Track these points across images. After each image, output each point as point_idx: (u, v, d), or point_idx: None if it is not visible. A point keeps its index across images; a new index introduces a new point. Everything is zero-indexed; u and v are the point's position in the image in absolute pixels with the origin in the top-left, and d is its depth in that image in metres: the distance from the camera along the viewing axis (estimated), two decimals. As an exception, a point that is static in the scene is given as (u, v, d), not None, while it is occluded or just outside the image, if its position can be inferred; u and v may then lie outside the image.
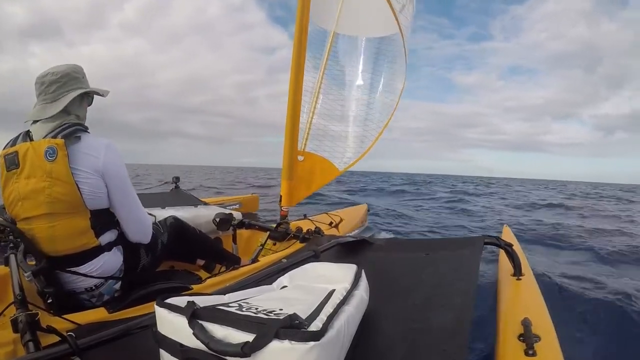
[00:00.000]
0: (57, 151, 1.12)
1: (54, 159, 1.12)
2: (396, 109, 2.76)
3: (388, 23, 2.66)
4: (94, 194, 1.20)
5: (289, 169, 2.31)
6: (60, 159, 1.12)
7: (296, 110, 2.28)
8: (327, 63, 2.73)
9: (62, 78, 1.23)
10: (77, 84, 1.27)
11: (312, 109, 2.64)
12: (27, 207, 1.14)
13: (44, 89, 1.22)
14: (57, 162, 1.12)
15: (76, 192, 1.15)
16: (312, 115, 2.63)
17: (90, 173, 1.18)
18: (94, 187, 1.20)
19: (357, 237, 1.65)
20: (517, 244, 1.90)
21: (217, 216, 2.13)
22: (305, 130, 2.58)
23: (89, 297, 1.26)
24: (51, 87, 1.22)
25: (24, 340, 0.80)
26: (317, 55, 2.73)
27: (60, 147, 1.13)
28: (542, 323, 1.01)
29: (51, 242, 1.16)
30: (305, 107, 2.57)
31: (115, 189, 1.25)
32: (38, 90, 1.23)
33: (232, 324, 0.58)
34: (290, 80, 2.25)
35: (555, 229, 5.49)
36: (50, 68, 1.26)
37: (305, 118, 2.58)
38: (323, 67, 2.72)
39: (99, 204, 1.24)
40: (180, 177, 3.96)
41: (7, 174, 1.17)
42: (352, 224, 3.35)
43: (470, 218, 7.10)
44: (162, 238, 1.54)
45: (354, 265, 0.98)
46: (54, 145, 1.13)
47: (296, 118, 2.29)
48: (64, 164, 1.12)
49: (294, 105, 2.26)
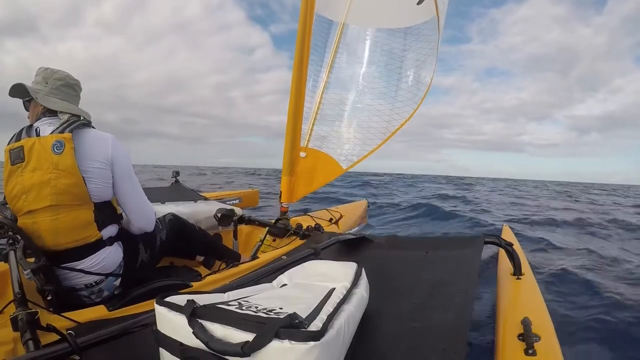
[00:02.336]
0: (64, 144, 1.15)
1: (61, 151, 1.14)
2: (420, 104, 2.52)
3: (413, 12, 2.51)
4: (100, 185, 1.23)
5: (290, 165, 2.29)
6: (67, 151, 1.14)
7: (299, 106, 2.23)
8: (334, 56, 2.65)
9: (78, 88, 1.37)
10: (77, 99, 1.38)
11: (317, 103, 2.58)
12: (31, 199, 1.15)
13: (60, 85, 1.29)
14: (64, 154, 1.14)
15: (82, 184, 1.17)
16: (317, 111, 2.58)
17: (99, 162, 1.23)
18: (102, 177, 1.23)
19: (357, 235, 1.65)
20: (517, 244, 1.90)
21: (219, 211, 2.13)
22: (308, 127, 2.54)
23: (88, 294, 1.26)
24: (67, 89, 1.31)
25: (24, 339, 0.80)
26: (322, 47, 2.64)
27: (67, 140, 1.15)
28: (542, 322, 1.01)
29: (54, 234, 1.17)
30: (310, 102, 2.50)
31: (121, 179, 1.30)
32: (52, 84, 1.29)
33: (232, 323, 0.58)
34: (293, 74, 2.19)
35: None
36: (67, 72, 1.35)
37: (309, 114, 2.53)
38: (331, 60, 2.64)
39: (104, 196, 1.27)
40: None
41: (11, 167, 1.17)
42: (352, 220, 3.35)
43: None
44: (160, 234, 1.54)
45: (354, 263, 0.98)
46: (61, 139, 1.15)
47: (299, 113, 2.25)
48: (70, 156, 1.14)
49: (297, 100, 2.21)
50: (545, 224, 6.08)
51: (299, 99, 2.23)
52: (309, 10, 2.16)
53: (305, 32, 2.16)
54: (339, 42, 2.67)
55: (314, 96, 2.62)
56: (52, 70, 1.32)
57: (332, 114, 2.65)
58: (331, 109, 2.65)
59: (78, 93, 1.37)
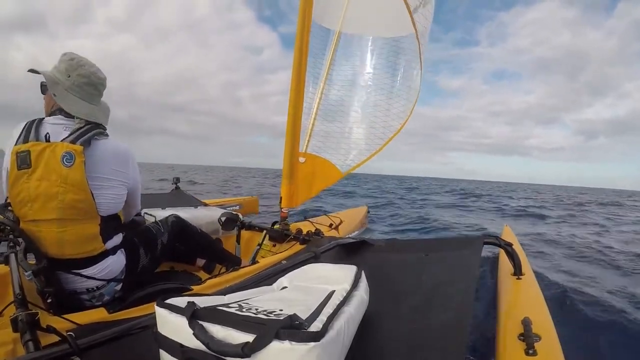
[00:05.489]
0: (74, 157, 1.10)
1: (71, 164, 1.10)
2: (411, 114, 2.57)
3: (405, 22, 2.50)
4: (110, 200, 1.23)
5: (290, 170, 2.30)
6: (78, 165, 1.10)
7: (297, 111, 2.25)
8: (331, 63, 2.67)
9: (101, 87, 1.29)
10: (99, 98, 1.31)
11: (314, 109, 2.60)
12: (36, 209, 1.12)
13: (83, 83, 1.22)
14: (73, 168, 1.10)
15: (90, 200, 1.14)
16: (315, 117, 2.59)
17: (111, 178, 1.22)
18: (112, 192, 1.24)
19: (357, 238, 1.65)
20: (517, 244, 1.90)
21: (223, 215, 2.14)
22: (307, 132, 2.54)
23: (89, 298, 1.26)
24: (89, 88, 1.24)
25: (24, 339, 0.80)
26: (320, 55, 2.66)
27: (78, 153, 1.11)
28: (543, 322, 1.01)
29: (59, 246, 1.15)
30: (308, 108, 2.52)
31: (133, 194, 1.38)
32: (74, 80, 1.21)
33: (232, 324, 0.58)
34: (291, 80, 2.20)
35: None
36: (93, 67, 1.25)
37: (307, 119, 2.54)
38: (327, 67, 2.66)
39: (112, 210, 1.26)
40: (167, 176, 3.88)
41: (17, 172, 1.11)
42: (352, 226, 3.35)
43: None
44: (162, 238, 1.54)
45: (354, 266, 0.98)
46: (72, 151, 1.10)
47: (297, 119, 2.26)
48: (80, 171, 1.11)
49: (295, 105, 2.23)
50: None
51: (298, 106, 2.25)
52: (306, 21, 2.19)
53: (303, 40, 2.19)
54: (335, 50, 2.71)
55: (312, 102, 2.63)
56: (77, 62, 1.21)
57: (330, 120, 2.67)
58: (329, 115, 2.68)
59: (101, 92, 1.29)
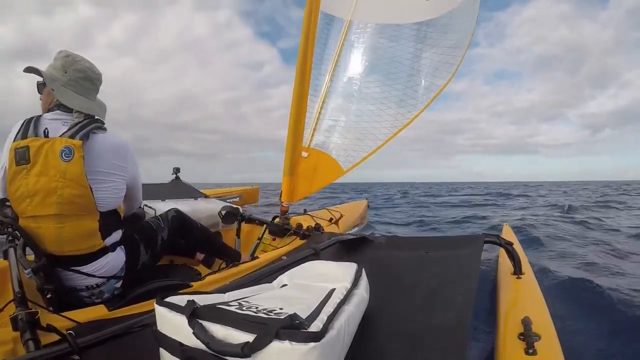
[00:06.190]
0: (73, 152, 1.10)
1: (70, 159, 1.09)
2: (428, 106, 2.39)
3: (432, 5, 2.39)
4: (109, 195, 1.23)
5: (291, 165, 2.28)
6: (76, 160, 1.10)
7: (301, 105, 2.20)
8: (339, 55, 2.58)
9: (98, 82, 1.30)
10: (96, 93, 1.32)
11: (320, 104, 2.54)
12: (35, 204, 1.11)
13: (80, 77, 1.23)
14: (72, 162, 1.10)
15: (89, 195, 1.14)
16: (320, 111, 2.54)
17: (111, 172, 1.22)
18: (111, 187, 1.23)
19: (357, 235, 1.64)
20: (517, 243, 1.90)
21: (224, 209, 2.13)
22: (311, 127, 2.50)
23: (89, 295, 1.26)
24: (86, 82, 1.25)
25: (24, 339, 0.79)
26: (327, 46, 2.58)
27: (77, 148, 1.10)
28: (542, 322, 1.01)
29: (58, 242, 1.15)
30: (313, 102, 2.46)
31: (133, 188, 1.38)
32: (71, 75, 1.22)
33: (232, 323, 0.58)
34: (296, 73, 2.15)
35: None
36: (89, 62, 1.27)
37: (312, 113, 2.49)
38: (335, 60, 2.57)
39: (111, 205, 1.25)
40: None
41: (16, 168, 1.11)
42: (352, 220, 3.35)
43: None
44: (162, 234, 1.53)
45: (354, 263, 0.98)
46: (70, 146, 1.10)
47: (301, 113, 2.22)
48: (79, 165, 1.10)
49: (299, 99, 2.18)
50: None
51: (302, 99, 2.21)
52: (314, 8, 2.12)
53: (310, 30, 2.13)
54: (344, 40, 2.61)
55: (317, 95, 2.58)
56: (73, 58, 1.23)
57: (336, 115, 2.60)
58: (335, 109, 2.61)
59: (97, 87, 1.30)
